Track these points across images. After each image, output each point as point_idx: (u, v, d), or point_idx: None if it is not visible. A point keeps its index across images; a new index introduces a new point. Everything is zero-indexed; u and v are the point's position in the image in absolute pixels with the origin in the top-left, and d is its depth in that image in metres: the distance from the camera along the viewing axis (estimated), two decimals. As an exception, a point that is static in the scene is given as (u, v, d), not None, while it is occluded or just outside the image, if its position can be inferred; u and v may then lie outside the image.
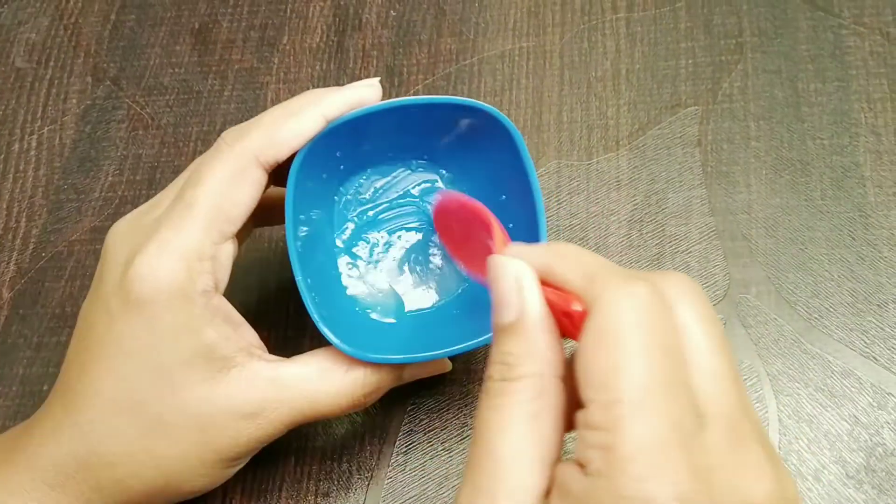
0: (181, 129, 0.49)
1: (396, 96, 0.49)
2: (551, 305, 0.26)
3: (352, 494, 0.39)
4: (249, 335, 0.34)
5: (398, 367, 0.36)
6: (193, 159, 0.47)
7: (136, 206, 0.46)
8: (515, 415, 0.25)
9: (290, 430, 0.34)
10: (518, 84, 0.49)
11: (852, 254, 0.42)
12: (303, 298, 0.34)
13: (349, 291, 0.39)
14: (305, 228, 0.37)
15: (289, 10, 0.53)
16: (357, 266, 0.40)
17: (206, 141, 0.49)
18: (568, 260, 0.27)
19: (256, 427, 0.33)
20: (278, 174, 0.35)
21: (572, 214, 0.45)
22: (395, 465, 0.39)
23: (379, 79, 0.36)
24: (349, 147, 0.38)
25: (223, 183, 0.33)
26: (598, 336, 0.24)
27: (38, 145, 0.50)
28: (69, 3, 0.54)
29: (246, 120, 0.49)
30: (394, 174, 0.41)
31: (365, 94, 0.35)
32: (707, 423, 0.23)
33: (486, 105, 0.37)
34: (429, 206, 0.41)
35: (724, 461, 0.23)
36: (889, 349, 0.40)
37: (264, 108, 0.49)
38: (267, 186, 0.34)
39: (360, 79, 0.50)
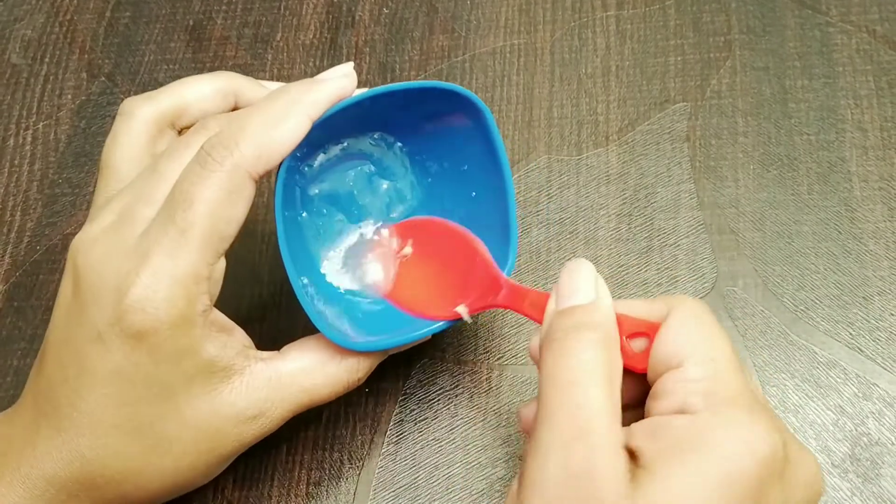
0: (175, 124, 0.50)
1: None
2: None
3: (343, 483, 0.39)
4: (242, 337, 0.35)
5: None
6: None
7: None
8: (595, 362, 0.28)
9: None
10: (509, 80, 0.49)
11: (838, 247, 0.43)
12: (297, 297, 0.35)
13: (334, 281, 0.40)
14: (295, 222, 0.37)
15: (282, 8, 0.53)
16: (339, 254, 0.40)
17: (200, 136, 0.49)
18: (630, 302, 0.32)
19: (259, 426, 0.34)
20: None
21: (562, 209, 0.45)
22: (386, 454, 0.40)
23: (352, 64, 0.35)
24: (327, 139, 0.38)
25: (217, 204, 0.31)
26: (686, 318, 0.30)
27: (33, 140, 0.50)
28: (65, 0, 0.55)
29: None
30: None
31: (343, 84, 0.34)
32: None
33: (459, 87, 0.36)
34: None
35: None
36: (874, 340, 0.41)
37: (258, 104, 0.50)
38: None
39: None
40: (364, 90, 0.35)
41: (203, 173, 0.31)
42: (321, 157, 0.40)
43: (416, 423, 0.40)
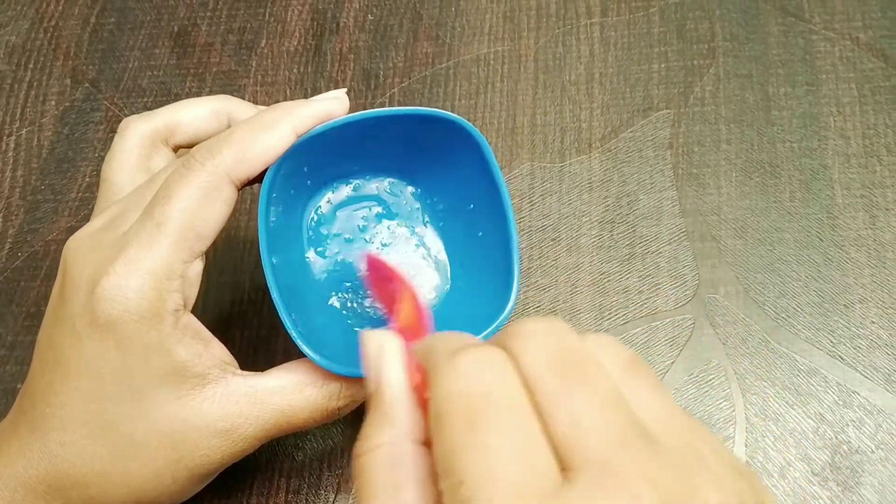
0: (159, 130, 0.50)
1: (373, 99, 0.50)
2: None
3: (322, 492, 0.39)
4: (220, 351, 0.34)
5: None
6: (170, 160, 0.48)
7: (112, 207, 0.47)
8: (379, 492, 0.23)
9: (263, 444, 0.34)
10: (493, 87, 0.49)
11: (820, 255, 0.43)
12: (280, 317, 0.34)
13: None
14: (277, 241, 0.37)
15: (267, 14, 0.53)
16: (329, 276, 0.40)
17: (183, 142, 0.49)
18: (426, 343, 0.26)
19: (230, 443, 0.33)
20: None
21: (545, 216, 0.45)
22: (365, 462, 0.40)
23: (345, 90, 0.36)
24: (317, 162, 0.38)
25: (195, 201, 0.32)
26: (433, 419, 0.23)
27: (16, 146, 0.50)
28: (49, 6, 0.55)
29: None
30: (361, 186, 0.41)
31: (332, 106, 0.35)
32: (571, 476, 0.21)
33: (451, 114, 0.36)
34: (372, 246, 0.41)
35: None
36: (854, 348, 0.41)
37: (241, 111, 0.50)
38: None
39: (337, 82, 0.50)
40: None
41: (184, 172, 0.33)
42: (330, 196, 0.40)
43: (395, 431, 0.40)
